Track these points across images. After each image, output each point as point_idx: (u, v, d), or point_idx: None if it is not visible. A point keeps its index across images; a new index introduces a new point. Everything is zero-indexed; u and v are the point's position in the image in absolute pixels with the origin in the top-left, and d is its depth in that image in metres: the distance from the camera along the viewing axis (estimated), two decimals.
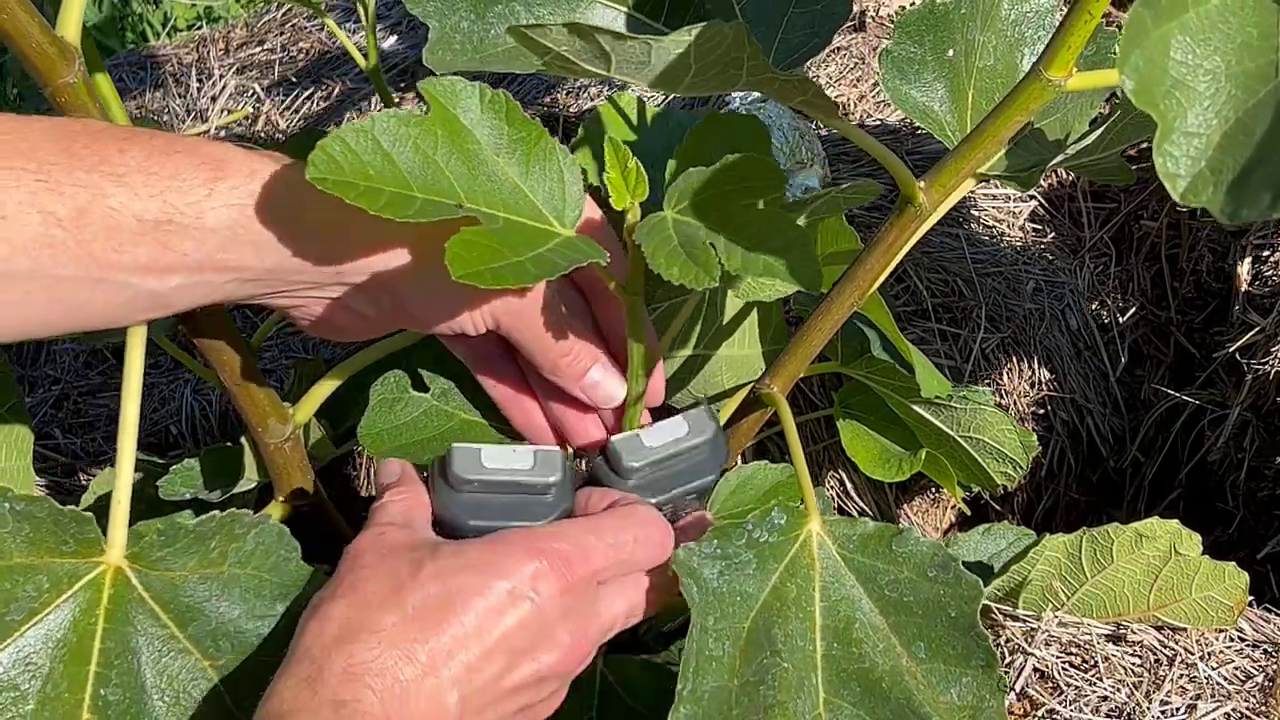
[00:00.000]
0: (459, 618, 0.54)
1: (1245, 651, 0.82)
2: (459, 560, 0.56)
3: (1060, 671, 0.80)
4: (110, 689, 0.59)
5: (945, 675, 0.60)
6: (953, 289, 1.20)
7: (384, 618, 0.54)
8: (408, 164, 0.55)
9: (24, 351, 1.25)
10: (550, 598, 0.57)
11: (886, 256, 0.64)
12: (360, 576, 0.56)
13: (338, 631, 0.54)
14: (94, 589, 0.60)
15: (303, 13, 1.62)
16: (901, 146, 1.28)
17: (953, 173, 0.59)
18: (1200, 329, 1.29)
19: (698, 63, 0.52)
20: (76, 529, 0.60)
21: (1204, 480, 1.25)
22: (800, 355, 0.69)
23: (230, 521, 0.61)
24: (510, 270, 0.52)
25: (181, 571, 0.61)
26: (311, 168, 0.52)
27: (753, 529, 0.62)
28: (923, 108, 0.75)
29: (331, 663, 0.52)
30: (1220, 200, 0.40)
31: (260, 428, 0.71)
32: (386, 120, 0.55)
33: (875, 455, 0.91)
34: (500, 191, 0.57)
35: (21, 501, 0.59)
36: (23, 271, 0.51)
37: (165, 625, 0.60)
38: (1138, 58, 0.41)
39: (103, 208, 0.52)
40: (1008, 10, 0.77)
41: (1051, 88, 0.52)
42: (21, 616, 0.58)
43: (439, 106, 0.57)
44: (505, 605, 0.55)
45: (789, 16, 0.65)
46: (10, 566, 0.58)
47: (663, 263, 0.53)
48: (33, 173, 0.51)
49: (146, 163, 0.53)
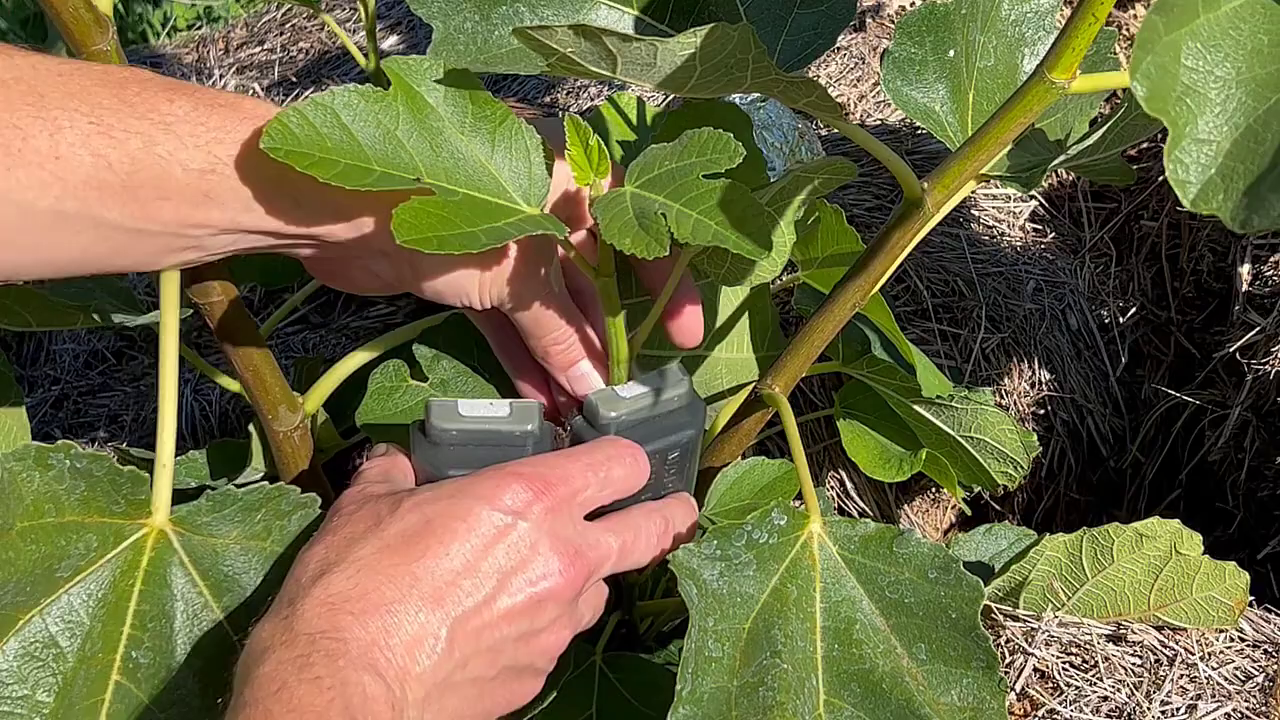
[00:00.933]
0: (440, 541, 0.54)
1: (1245, 651, 0.82)
2: (439, 491, 0.57)
3: (1060, 671, 0.80)
4: (142, 651, 0.59)
5: (946, 677, 0.60)
6: (953, 289, 1.20)
7: (361, 549, 0.54)
8: (367, 138, 0.55)
9: (24, 351, 1.25)
10: (533, 518, 0.56)
11: (889, 257, 0.64)
12: (339, 522, 0.56)
13: (316, 569, 0.53)
14: (136, 550, 0.60)
15: (303, 12, 1.62)
16: (902, 146, 1.28)
17: (956, 174, 0.59)
18: (1200, 329, 1.29)
19: (703, 65, 0.52)
20: (130, 489, 0.60)
21: (1204, 480, 1.25)
22: (802, 355, 0.69)
23: (278, 495, 0.61)
24: (458, 239, 0.52)
25: (224, 540, 0.61)
26: (265, 138, 0.53)
27: (753, 530, 0.62)
28: (924, 108, 0.75)
29: (309, 597, 0.52)
30: (1231, 207, 0.40)
31: (271, 415, 0.72)
32: (347, 95, 0.55)
33: (876, 455, 0.91)
34: (463, 168, 0.58)
35: (84, 459, 0.59)
36: (71, 212, 0.53)
37: (201, 594, 0.60)
38: (1149, 64, 0.41)
39: (152, 154, 0.53)
40: (1008, 11, 0.77)
41: (1055, 90, 0.52)
42: (68, 574, 0.59)
43: (402, 84, 0.57)
44: (487, 527, 0.55)
45: (793, 18, 0.65)
46: (63, 524, 0.59)
47: (616, 233, 0.53)
48: (86, 115, 0.52)
49: (194, 113, 0.54)
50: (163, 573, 0.60)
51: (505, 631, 0.56)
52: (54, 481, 0.59)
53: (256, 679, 0.49)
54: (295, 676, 0.48)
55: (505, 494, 0.56)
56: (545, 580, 0.57)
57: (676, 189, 0.55)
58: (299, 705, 0.48)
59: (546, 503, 0.57)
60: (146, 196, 0.54)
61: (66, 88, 0.52)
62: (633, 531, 0.62)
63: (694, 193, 0.54)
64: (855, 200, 1.22)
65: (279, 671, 0.49)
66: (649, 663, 0.76)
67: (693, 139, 0.56)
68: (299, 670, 0.49)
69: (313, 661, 0.49)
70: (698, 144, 0.56)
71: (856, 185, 1.24)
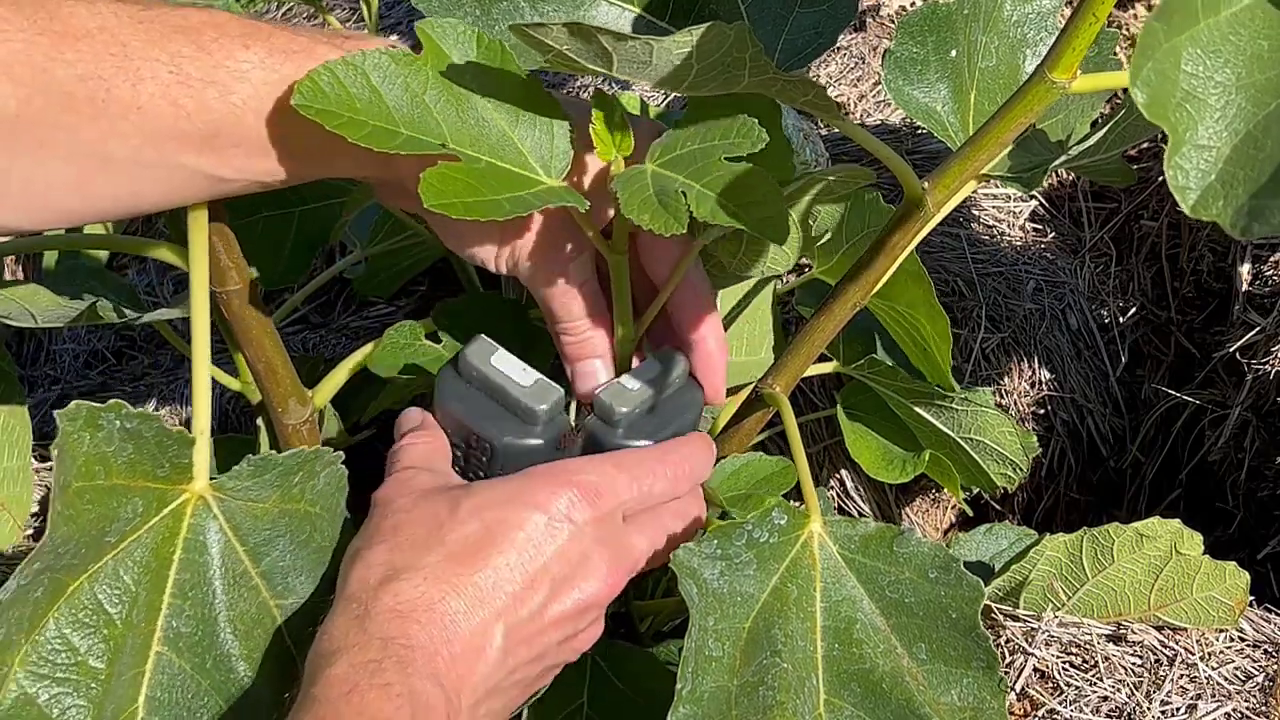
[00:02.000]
0: (500, 551, 0.56)
1: (1245, 651, 0.82)
2: (494, 495, 0.58)
3: (1060, 671, 0.80)
4: (183, 620, 0.59)
5: (946, 676, 0.60)
6: (953, 289, 1.20)
7: (426, 557, 0.55)
8: (395, 101, 0.56)
9: (24, 351, 1.25)
10: (584, 526, 0.58)
11: (890, 257, 0.64)
12: (399, 520, 0.58)
13: (383, 573, 0.55)
14: (175, 517, 0.60)
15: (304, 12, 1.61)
16: (902, 146, 1.28)
17: (956, 174, 0.59)
18: (1200, 329, 1.29)
19: (699, 63, 0.52)
20: (176, 451, 0.61)
21: (1204, 480, 1.25)
22: (803, 355, 0.69)
23: (314, 458, 0.62)
24: (484, 206, 0.53)
25: (262, 504, 0.61)
26: (297, 94, 0.54)
27: (753, 529, 0.62)
28: (925, 108, 0.75)
29: (379, 601, 0.54)
30: (1231, 214, 0.40)
31: (280, 407, 0.72)
32: (378, 57, 0.56)
33: (879, 456, 0.91)
34: (487, 137, 0.58)
35: (134, 418, 0.59)
36: (149, 160, 0.55)
37: (240, 559, 0.60)
38: (1150, 70, 0.41)
39: (227, 103, 0.55)
40: (1010, 11, 0.77)
41: (1056, 89, 0.52)
42: (115, 539, 0.59)
43: (434, 47, 0.58)
44: (544, 536, 0.57)
45: (794, 17, 0.65)
46: (111, 487, 0.59)
47: (635, 209, 0.54)
48: (165, 64, 0.54)
49: (268, 59, 0.55)
50: (202, 539, 0.60)
51: (552, 637, 0.58)
52: (103, 443, 0.59)
53: (328, 678, 0.51)
54: (367, 680, 0.51)
55: (559, 502, 0.58)
56: (592, 588, 0.58)
57: (698, 170, 0.55)
58: (368, 710, 0.50)
59: (596, 512, 0.58)
60: (221, 144, 0.56)
61: (148, 35, 0.54)
62: (660, 532, 0.63)
63: (715, 174, 0.55)
64: None
65: (351, 674, 0.51)
66: (639, 651, 0.76)
67: (719, 124, 0.56)
68: (371, 675, 0.51)
69: (385, 667, 0.51)
70: (721, 127, 0.56)
71: None
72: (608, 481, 0.59)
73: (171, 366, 1.19)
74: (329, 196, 0.90)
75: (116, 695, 0.58)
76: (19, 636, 0.56)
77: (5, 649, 0.56)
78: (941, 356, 0.79)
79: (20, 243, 0.75)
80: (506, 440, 0.62)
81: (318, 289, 1.03)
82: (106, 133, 0.53)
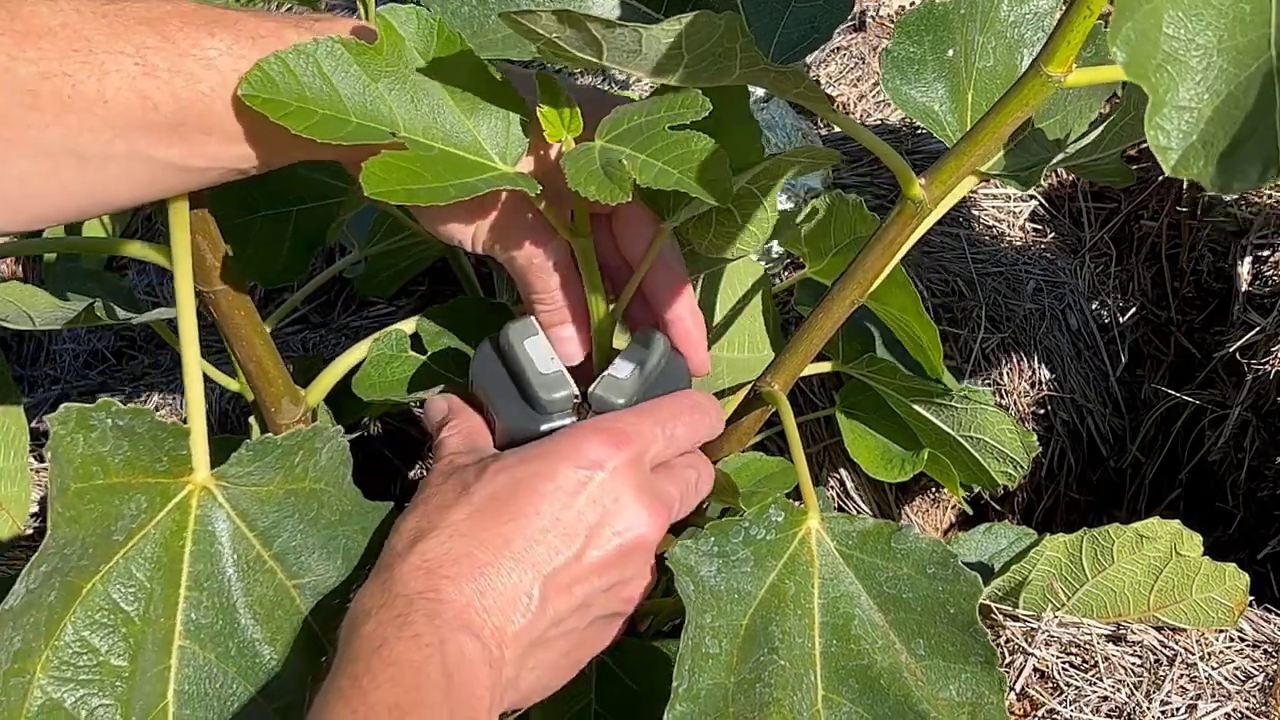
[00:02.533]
0: (529, 502, 0.56)
1: (1245, 651, 0.82)
2: (521, 454, 0.58)
3: (1060, 671, 0.80)
4: (201, 611, 0.59)
5: (944, 672, 0.60)
6: (953, 289, 1.20)
7: (452, 515, 0.56)
8: (348, 89, 0.56)
9: (24, 351, 1.25)
10: (615, 472, 0.58)
11: (887, 254, 0.63)
12: (430, 493, 0.58)
13: (411, 537, 0.55)
14: (182, 510, 0.60)
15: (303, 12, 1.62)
16: (902, 146, 1.28)
17: (953, 170, 0.58)
18: (1200, 329, 1.29)
19: (689, 53, 0.52)
20: (172, 444, 0.60)
21: (1204, 480, 1.25)
22: (801, 353, 0.69)
23: (312, 435, 0.62)
24: (427, 192, 0.53)
25: (268, 488, 0.61)
26: (244, 84, 0.54)
27: (750, 526, 0.62)
28: (922, 107, 0.75)
29: (405, 562, 0.54)
30: (1210, 172, 0.41)
31: (273, 408, 0.72)
32: (332, 45, 0.56)
33: (878, 455, 0.91)
34: (441, 124, 0.58)
35: (125, 415, 0.59)
36: (122, 153, 0.54)
37: (251, 544, 0.60)
38: (1129, 30, 0.41)
39: (195, 92, 0.54)
40: (1007, 11, 0.77)
41: (1051, 84, 0.52)
42: (123, 537, 0.58)
43: (392, 33, 0.58)
44: (573, 485, 0.57)
45: (790, 10, 0.65)
46: (111, 486, 0.59)
47: (581, 182, 0.54)
48: (131, 56, 0.53)
49: (235, 46, 0.55)
50: (211, 529, 0.60)
51: (595, 584, 0.57)
52: (98, 443, 0.58)
53: (359, 638, 0.51)
54: (395, 634, 0.51)
55: (586, 450, 0.58)
56: (631, 530, 0.58)
57: (643, 141, 0.56)
58: (398, 660, 0.50)
59: (625, 456, 0.59)
60: (192, 133, 0.55)
61: (112, 28, 0.53)
62: (684, 481, 0.63)
63: (660, 143, 0.55)
64: None
65: (379, 630, 0.51)
66: (647, 647, 0.76)
67: (664, 98, 0.57)
68: (399, 628, 0.51)
69: (412, 620, 0.51)
70: (666, 101, 0.57)
71: (856, 185, 1.24)
72: (633, 427, 0.60)
73: (171, 366, 1.19)
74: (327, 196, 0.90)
75: (144, 692, 0.58)
76: (38, 642, 0.56)
77: (26, 656, 0.56)
78: (934, 361, 0.79)
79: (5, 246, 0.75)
80: (507, 422, 0.63)
81: (317, 289, 1.03)
82: (74, 128, 0.53)
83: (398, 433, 1.19)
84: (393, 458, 1.18)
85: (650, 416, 0.61)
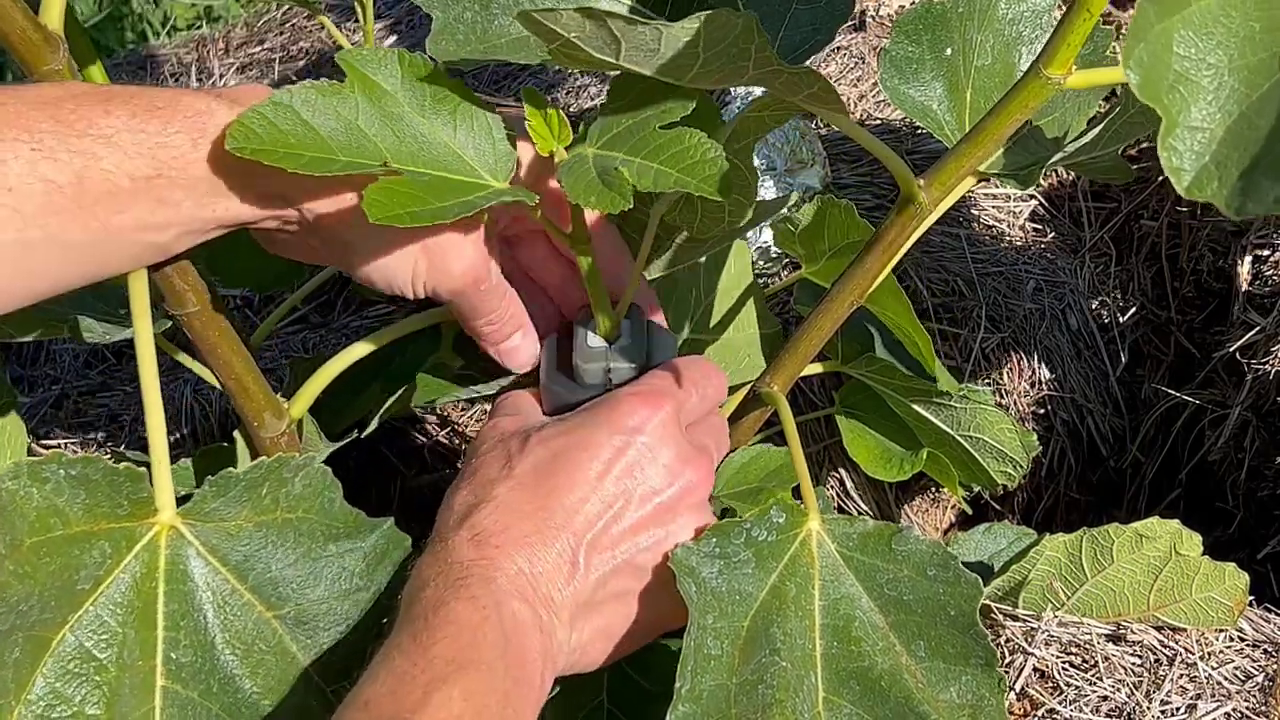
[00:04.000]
0: (567, 472, 0.59)
1: (1245, 651, 0.82)
2: (561, 425, 0.61)
3: (1060, 671, 0.80)
4: (181, 651, 0.59)
5: (944, 674, 0.60)
6: (953, 289, 1.20)
7: (496, 489, 0.58)
8: (329, 130, 0.56)
9: (24, 351, 1.25)
10: (652, 432, 0.60)
11: (886, 255, 0.63)
12: (477, 463, 0.61)
13: (462, 511, 0.58)
14: (151, 551, 0.60)
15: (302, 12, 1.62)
16: (902, 146, 1.28)
17: (952, 171, 0.58)
18: (1200, 329, 1.29)
19: (706, 52, 0.52)
20: (131, 488, 0.60)
21: (1204, 480, 1.25)
22: (800, 353, 0.69)
23: (278, 466, 0.61)
24: (430, 213, 0.54)
25: (236, 522, 0.61)
26: (230, 139, 0.54)
27: (751, 528, 0.62)
28: (921, 107, 0.75)
29: (457, 535, 0.57)
30: (1225, 195, 0.40)
31: (256, 422, 0.71)
32: (304, 91, 0.56)
33: (877, 455, 0.91)
34: (429, 150, 0.59)
35: (76, 465, 0.59)
36: (37, 240, 0.53)
37: (225, 579, 0.60)
38: (1141, 52, 0.41)
39: (97, 171, 0.54)
40: (1004, 10, 0.77)
41: (1050, 85, 0.52)
42: (90, 585, 0.58)
43: (358, 75, 0.58)
44: (609, 451, 0.59)
45: (791, 13, 0.65)
46: (72, 535, 0.58)
47: (580, 193, 0.54)
48: (27, 143, 0.52)
49: (132, 122, 0.55)
50: (183, 568, 0.60)
51: (640, 540, 0.60)
52: (53, 494, 0.58)
53: (419, 601, 0.54)
54: (453, 596, 0.53)
55: (623, 416, 0.60)
56: (672, 486, 0.60)
57: (636, 144, 0.56)
58: (456, 619, 0.52)
59: (661, 415, 0.61)
60: (102, 213, 0.54)
61: (4, 117, 0.53)
62: (718, 431, 0.66)
63: (653, 145, 0.56)
64: (855, 200, 1.21)
65: (438, 593, 0.54)
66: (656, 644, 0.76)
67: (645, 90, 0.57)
68: (457, 590, 0.54)
69: (469, 583, 0.54)
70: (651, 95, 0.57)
71: (856, 185, 1.24)
72: (664, 384, 0.62)
73: (171, 367, 1.19)
74: None
75: None
76: (7, 699, 0.56)
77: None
78: (930, 368, 0.80)
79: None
80: (552, 397, 0.66)
81: (317, 288, 1.02)
82: None
83: (398, 432, 1.19)
84: (392, 457, 1.18)
85: (681, 375, 0.64)
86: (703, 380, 0.65)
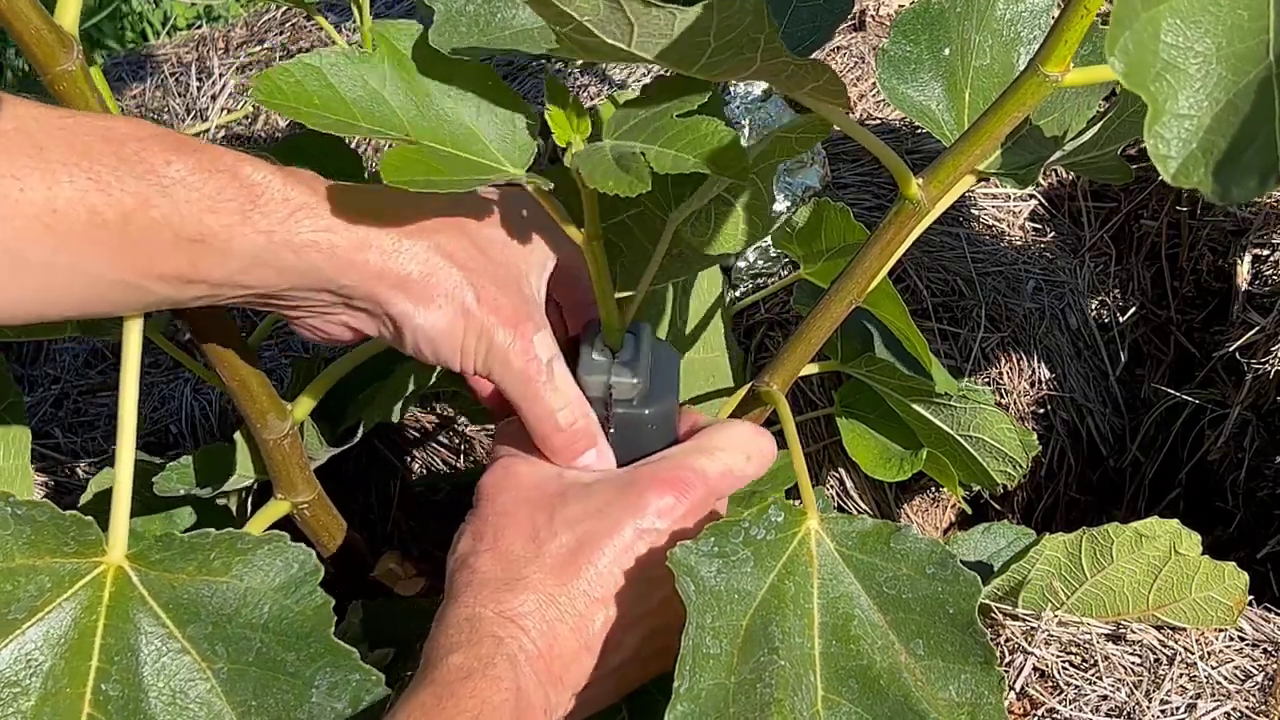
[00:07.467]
0: (592, 562, 0.60)
1: (1245, 651, 0.82)
2: (587, 505, 0.62)
3: (1060, 671, 0.80)
4: (111, 684, 0.59)
5: (943, 672, 0.60)
6: (953, 288, 1.20)
7: (525, 569, 0.60)
8: (353, 96, 0.57)
9: (24, 351, 1.25)
10: (675, 523, 0.62)
11: (885, 254, 0.63)
12: (500, 526, 0.61)
13: (492, 585, 0.59)
14: (95, 587, 0.60)
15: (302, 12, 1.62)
16: (901, 145, 1.28)
17: (950, 169, 0.58)
18: (1200, 328, 1.29)
19: (717, 40, 0.52)
20: (77, 531, 0.61)
21: (1204, 480, 1.25)
22: (799, 353, 0.69)
23: (229, 538, 0.61)
24: (444, 182, 0.54)
25: (181, 574, 0.61)
26: (255, 93, 0.55)
27: (750, 527, 0.62)
28: (920, 106, 0.75)
29: (486, 607, 0.58)
30: (1211, 181, 0.41)
31: (259, 423, 0.71)
32: (333, 56, 0.57)
33: (876, 455, 0.91)
34: (449, 128, 0.59)
35: (23, 505, 0.60)
36: (64, 264, 0.53)
37: (164, 624, 0.60)
38: (1127, 39, 0.41)
39: (146, 216, 0.54)
40: (1003, 9, 0.77)
41: (1048, 83, 0.52)
42: (23, 615, 0.59)
43: (389, 47, 0.59)
44: (634, 541, 0.61)
45: (791, 9, 0.65)
46: (12, 568, 0.59)
47: (599, 179, 0.54)
48: (84, 171, 0.53)
49: (190, 177, 0.55)
50: (125, 608, 0.60)
51: (657, 622, 0.62)
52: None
53: (447, 665, 0.56)
54: (481, 671, 0.56)
55: (649, 504, 0.61)
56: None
57: (653, 132, 0.57)
58: (479, 694, 0.54)
59: (687, 504, 0.62)
60: (136, 257, 0.55)
61: (68, 141, 0.53)
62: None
63: (671, 132, 0.56)
64: (855, 200, 1.21)
65: (467, 663, 0.56)
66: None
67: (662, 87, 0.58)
68: (485, 667, 0.56)
69: (496, 662, 0.56)
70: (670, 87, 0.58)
71: (856, 185, 1.24)
72: (694, 473, 0.63)
73: (171, 366, 1.19)
74: None
75: None
76: None
77: None
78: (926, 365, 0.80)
79: None
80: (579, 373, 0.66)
81: None
82: (20, 232, 0.52)
83: (397, 431, 1.19)
84: (391, 456, 1.18)
85: (707, 454, 0.64)
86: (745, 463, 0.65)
